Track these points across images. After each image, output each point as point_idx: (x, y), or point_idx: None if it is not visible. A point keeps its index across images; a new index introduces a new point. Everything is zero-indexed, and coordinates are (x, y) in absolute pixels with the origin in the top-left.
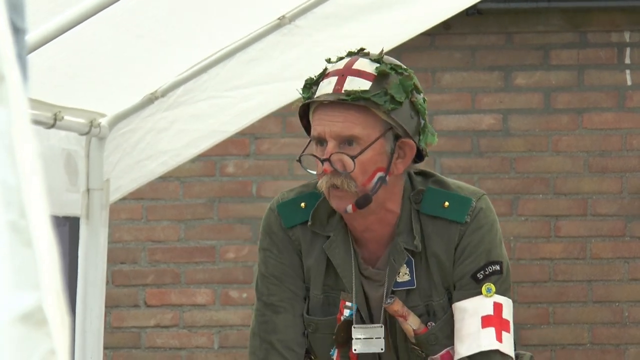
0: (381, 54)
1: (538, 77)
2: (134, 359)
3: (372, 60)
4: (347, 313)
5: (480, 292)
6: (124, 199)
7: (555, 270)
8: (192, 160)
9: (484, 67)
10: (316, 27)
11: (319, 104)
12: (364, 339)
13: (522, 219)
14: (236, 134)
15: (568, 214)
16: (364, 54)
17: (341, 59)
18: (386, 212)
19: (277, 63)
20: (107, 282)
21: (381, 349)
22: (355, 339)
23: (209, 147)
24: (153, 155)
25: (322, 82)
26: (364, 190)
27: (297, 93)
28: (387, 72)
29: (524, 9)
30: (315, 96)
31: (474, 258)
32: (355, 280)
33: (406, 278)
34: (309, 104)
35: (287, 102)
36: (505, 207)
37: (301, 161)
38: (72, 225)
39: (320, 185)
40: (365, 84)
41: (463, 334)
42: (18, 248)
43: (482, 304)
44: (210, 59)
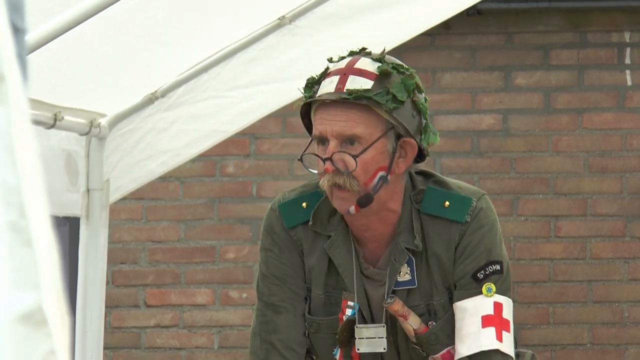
0: (383, 54)
1: (538, 77)
2: (134, 359)
3: (374, 59)
4: (349, 312)
5: (481, 292)
6: (124, 199)
7: (555, 270)
8: (192, 160)
9: (484, 67)
10: (316, 27)
11: (320, 103)
12: (367, 338)
13: (522, 219)
14: (236, 134)
15: (568, 214)
16: (366, 54)
17: (343, 58)
18: (387, 211)
19: (277, 63)
20: (107, 282)
21: (383, 349)
22: (358, 338)
23: (209, 147)
24: (153, 155)
25: (324, 81)
26: (366, 189)
27: (297, 93)
28: (389, 71)
29: (524, 9)
30: (317, 95)
31: (475, 258)
32: (356, 280)
33: (407, 277)
34: (311, 103)
35: (287, 102)
36: (505, 207)
37: (303, 160)
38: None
39: (322, 184)
40: (367, 83)
41: (463, 334)
42: (18, 248)
43: (482, 304)
44: (211, 59)
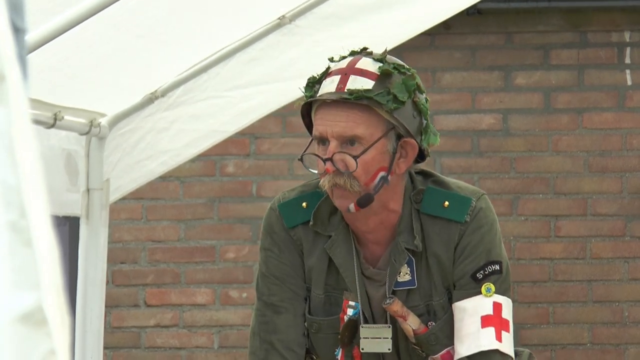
0: (384, 54)
1: (538, 77)
2: (134, 359)
3: (375, 59)
4: (351, 312)
5: (480, 292)
6: (123, 198)
7: (555, 270)
8: (192, 160)
9: (484, 67)
10: (316, 27)
11: (321, 103)
12: (371, 338)
13: (522, 218)
14: (236, 134)
15: (568, 214)
16: (367, 53)
17: (344, 58)
18: (388, 212)
19: (277, 63)
20: (107, 282)
21: (388, 349)
22: (362, 338)
23: (209, 147)
24: (153, 155)
25: (324, 80)
26: (367, 189)
27: (297, 93)
28: (390, 71)
29: (524, 9)
30: (318, 95)
31: (474, 258)
32: (358, 280)
33: (407, 278)
34: (312, 102)
35: (287, 102)
36: (505, 207)
37: (303, 160)
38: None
39: (322, 184)
40: (368, 83)
41: (463, 334)
42: (18, 248)
43: (481, 304)
44: (210, 59)
